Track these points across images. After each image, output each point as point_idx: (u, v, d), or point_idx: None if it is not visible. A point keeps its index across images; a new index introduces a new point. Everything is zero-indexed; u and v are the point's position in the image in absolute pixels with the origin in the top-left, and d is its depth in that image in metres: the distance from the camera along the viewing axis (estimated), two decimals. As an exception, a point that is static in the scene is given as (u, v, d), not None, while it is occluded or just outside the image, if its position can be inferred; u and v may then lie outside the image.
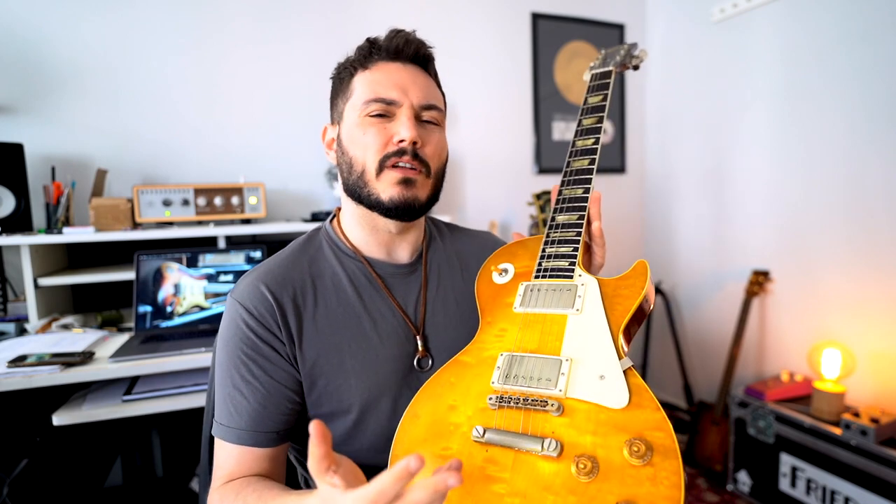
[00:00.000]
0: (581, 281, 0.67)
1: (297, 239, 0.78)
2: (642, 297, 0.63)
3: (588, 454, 0.51)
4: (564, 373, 0.58)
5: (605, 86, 0.82)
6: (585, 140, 0.78)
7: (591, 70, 0.87)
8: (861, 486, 1.52)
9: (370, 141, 0.67)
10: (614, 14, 2.51)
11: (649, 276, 0.65)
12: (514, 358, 0.62)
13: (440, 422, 0.60)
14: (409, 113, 0.67)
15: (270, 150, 1.92)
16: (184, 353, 1.25)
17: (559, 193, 0.75)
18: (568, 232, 0.72)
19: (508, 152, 2.34)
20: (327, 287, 0.72)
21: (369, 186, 0.68)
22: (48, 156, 1.66)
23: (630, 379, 0.56)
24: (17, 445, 1.34)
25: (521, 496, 0.51)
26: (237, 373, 0.66)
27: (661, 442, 0.50)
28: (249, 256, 1.56)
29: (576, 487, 0.50)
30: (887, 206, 1.68)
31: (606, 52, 0.89)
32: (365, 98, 0.68)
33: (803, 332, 1.95)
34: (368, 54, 0.70)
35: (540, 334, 0.64)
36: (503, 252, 0.79)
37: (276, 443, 0.66)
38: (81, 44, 1.69)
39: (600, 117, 0.79)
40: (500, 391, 0.60)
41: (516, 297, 0.70)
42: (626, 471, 0.49)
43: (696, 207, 2.40)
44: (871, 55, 1.70)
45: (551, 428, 0.55)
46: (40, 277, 1.48)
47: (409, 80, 0.69)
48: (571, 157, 0.78)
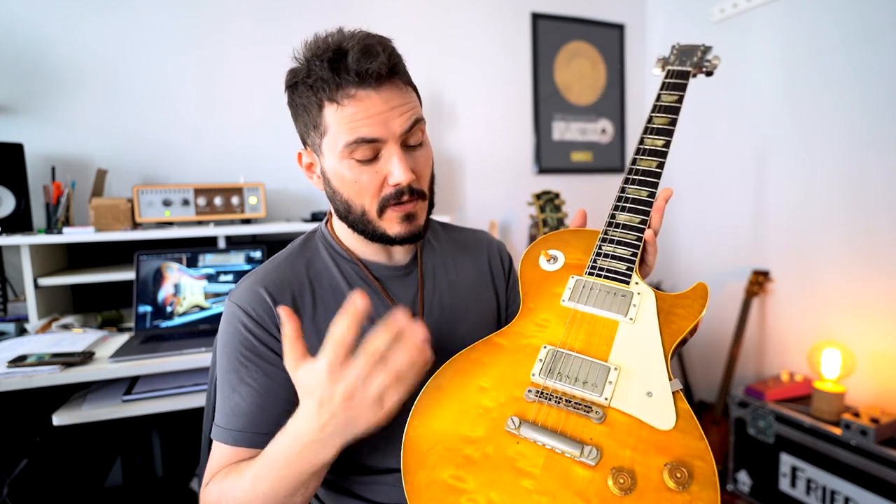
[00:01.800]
0: (637, 289, 0.64)
1: (294, 241, 0.78)
2: (699, 321, 0.61)
3: (626, 469, 0.50)
4: (612, 381, 0.56)
5: (682, 86, 0.77)
6: (656, 140, 0.74)
7: (664, 65, 0.80)
8: (861, 486, 1.52)
9: (364, 185, 0.65)
10: (614, 14, 2.51)
11: (709, 300, 0.63)
12: (558, 353, 0.60)
13: (467, 401, 0.58)
14: (396, 149, 0.64)
15: (270, 150, 1.91)
16: (184, 353, 1.25)
17: (622, 191, 0.72)
18: (628, 234, 0.69)
19: (508, 152, 2.34)
20: (325, 289, 0.71)
21: (373, 224, 0.68)
22: (48, 156, 1.66)
23: (678, 402, 0.54)
24: (17, 445, 1.34)
25: (550, 496, 0.49)
26: (235, 375, 0.66)
27: (702, 472, 0.49)
28: (249, 256, 1.56)
29: (609, 500, 0.48)
30: (887, 206, 1.68)
31: (680, 47, 0.83)
32: (346, 140, 0.62)
33: (803, 332, 1.95)
34: (334, 84, 0.61)
35: (588, 335, 0.61)
36: (555, 237, 0.74)
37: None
38: (81, 44, 1.69)
39: (673, 119, 0.74)
40: (542, 385, 0.58)
41: (565, 290, 0.67)
42: (663, 494, 0.48)
43: (696, 207, 2.40)
44: (871, 55, 1.69)
45: (590, 434, 0.53)
46: (40, 277, 1.48)
47: (386, 108, 0.63)
48: (639, 154, 0.73)
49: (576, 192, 2.37)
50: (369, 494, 0.71)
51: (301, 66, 0.64)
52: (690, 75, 0.78)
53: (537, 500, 0.50)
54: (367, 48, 0.61)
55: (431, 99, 2.15)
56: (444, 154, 2.20)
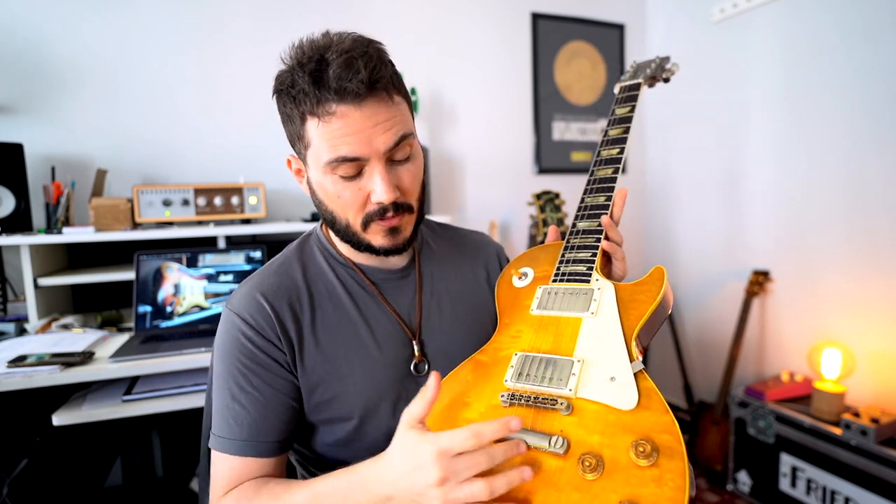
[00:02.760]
0: (598, 285, 0.68)
1: (289, 246, 0.77)
2: (657, 303, 0.64)
3: (594, 452, 0.51)
4: (575, 373, 0.59)
5: (633, 97, 0.84)
6: (610, 150, 0.80)
7: (620, 83, 0.89)
8: (861, 486, 1.52)
9: (347, 201, 0.64)
10: (614, 14, 2.51)
11: (666, 280, 0.66)
12: (527, 358, 0.64)
13: (453, 417, 0.62)
14: (379, 167, 0.61)
15: (270, 150, 1.91)
16: (184, 353, 1.25)
17: (581, 201, 0.78)
18: (587, 238, 0.74)
19: (508, 152, 2.34)
20: (322, 295, 0.71)
21: (358, 237, 0.67)
22: (48, 156, 1.66)
23: (640, 382, 0.56)
24: (17, 445, 1.34)
25: (525, 491, 0.51)
26: (235, 384, 0.65)
27: (667, 444, 0.50)
28: (249, 256, 1.56)
29: (580, 485, 0.50)
30: (887, 206, 1.68)
31: (638, 64, 0.92)
32: (328, 157, 0.60)
33: (803, 332, 1.95)
34: (315, 98, 0.59)
35: (554, 336, 0.65)
36: (525, 257, 0.81)
37: (277, 452, 0.66)
38: (81, 44, 1.69)
39: (626, 128, 0.81)
40: (513, 389, 0.61)
41: (533, 300, 0.72)
42: (632, 471, 0.49)
43: (697, 207, 2.40)
44: (871, 55, 1.70)
45: (560, 426, 0.55)
46: (40, 277, 1.48)
47: (369, 125, 0.59)
48: (595, 165, 0.80)
49: (576, 192, 2.34)
50: None
51: (286, 74, 0.62)
52: (641, 86, 0.86)
53: (514, 495, 0.51)
54: (349, 61, 0.57)
55: (431, 99, 2.15)
56: (444, 154, 2.20)
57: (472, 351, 0.72)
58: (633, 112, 0.82)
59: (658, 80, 0.88)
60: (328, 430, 0.70)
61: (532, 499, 0.51)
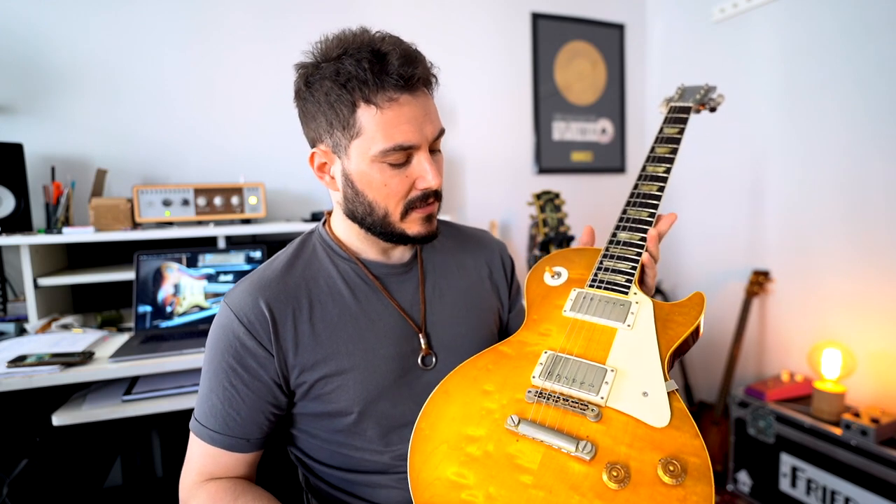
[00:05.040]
0: (636, 299, 0.68)
1: (291, 243, 0.78)
2: (694, 327, 0.64)
3: (622, 463, 0.51)
4: (608, 382, 0.59)
5: (683, 120, 0.86)
6: (657, 167, 0.81)
7: (668, 102, 0.90)
8: (861, 486, 1.52)
9: (393, 189, 0.65)
10: (614, 14, 2.51)
11: (705, 307, 0.66)
12: (558, 358, 0.64)
13: (472, 404, 0.61)
14: (426, 155, 0.65)
15: (270, 150, 1.91)
16: (184, 353, 1.25)
17: (623, 213, 0.79)
18: (628, 250, 0.75)
19: (508, 152, 2.34)
20: (322, 290, 0.71)
21: (393, 226, 0.68)
22: (48, 156, 1.66)
23: (673, 402, 0.56)
24: (17, 445, 1.34)
25: (546, 490, 0.51)
26: (216, 379, 0.67)
27: (696, 467, 0.50)
28: (249, 256, 1.56)
29: (604, 493, 0.50)
30: (888, 206, 1.68)
31: (685, 87, 0.93)
32: (383, 146, 0.62)
33: (803, 332, 1.95)
34: (374, 85, 0.60)
35: (586, 341, 0.65)
36: (559, 256, 0.81)
37: (246, 449, 0.67)
38: (81, 44, 1.69)
39: (674, 148, 0.82)
40: (541, 387, 0.61)
41: (567, 301, 0.71)
42: (657, 487, 0.49)
43: (697, 207, 2.40)
44: (872, 55, 1.69)
45: (586, 432, 0.55)
46: (40, 277, 1.48)
47: (422, 114, 0.63)
48: (641, 180, 0.81)
49: (576, 192, 2.37)
50: (367, 495, 0.71)
51: (326, 63, 0.62)
52: (692, 111, 0.87)
53: (534, 494, 0.51)
54: (408, 53, 0.62)
55: (431, 99, 2.15)
56: (445, 154, 2.19)
57: (476, 344, 0.73)
58: (682, 134, 0.83)
59: (705, 107, 0.90)
60: (327, 423, 0.70)
61: (552, 500, 0.50)
